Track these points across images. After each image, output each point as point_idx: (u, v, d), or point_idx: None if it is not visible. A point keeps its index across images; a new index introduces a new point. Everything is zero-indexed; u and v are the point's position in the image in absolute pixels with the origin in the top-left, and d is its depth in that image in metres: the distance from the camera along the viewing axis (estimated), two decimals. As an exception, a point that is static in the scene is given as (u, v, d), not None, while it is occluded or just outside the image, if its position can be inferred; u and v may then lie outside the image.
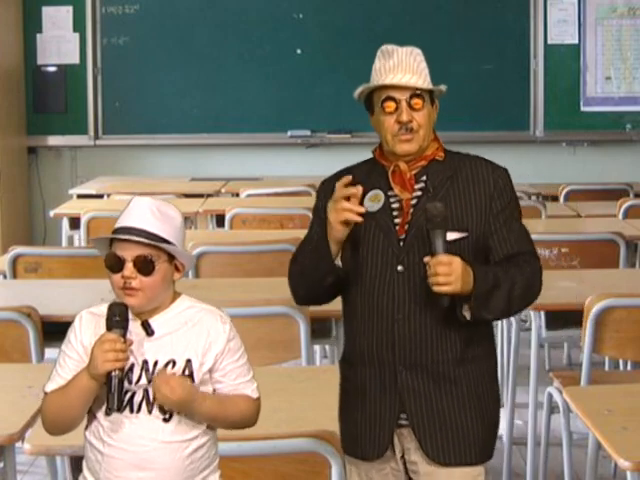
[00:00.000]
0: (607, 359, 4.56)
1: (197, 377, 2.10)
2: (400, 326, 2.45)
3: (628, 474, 2.46)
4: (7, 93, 7.91)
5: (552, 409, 3.66)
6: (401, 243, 2.46)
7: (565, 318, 3.95)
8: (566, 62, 8.32)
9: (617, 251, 4.87)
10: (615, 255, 4.87)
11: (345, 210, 2.40)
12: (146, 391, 2.08)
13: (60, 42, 8.32)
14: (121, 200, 6.74)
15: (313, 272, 2.53)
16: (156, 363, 2.08)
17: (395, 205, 2.50)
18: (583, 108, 8.33)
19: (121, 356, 2.02)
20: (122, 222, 2.10)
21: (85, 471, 2.15)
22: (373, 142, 2.64)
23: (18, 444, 2.60)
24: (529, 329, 4.03)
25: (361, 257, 2.50)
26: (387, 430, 2.49)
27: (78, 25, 8.29)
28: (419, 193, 2.49)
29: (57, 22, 8.30)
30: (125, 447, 2.07)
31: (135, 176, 8.14)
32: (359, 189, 2.40)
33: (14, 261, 4.60)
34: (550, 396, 3.63)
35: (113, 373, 2.02)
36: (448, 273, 2.32)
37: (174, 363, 2.09)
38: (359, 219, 2.41)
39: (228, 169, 8.35)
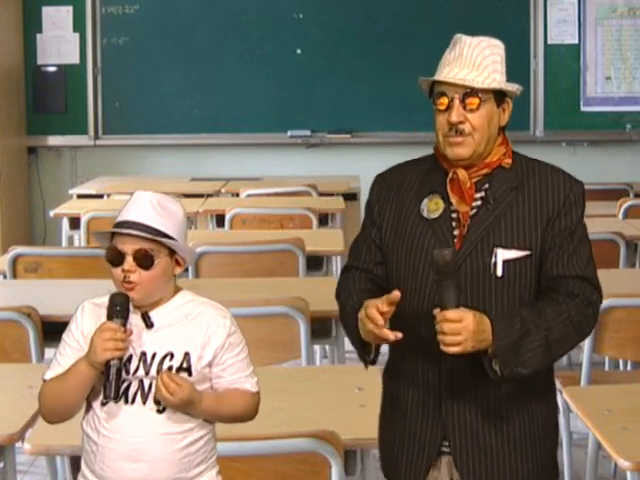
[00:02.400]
0: (607, 359, 4.56)
1: (195, 370, 2.11)
2: None
3: (628, 474, 2.46)
4: (7, 93, 7.91)
5: (552, 409, 3.66)
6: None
7: (565, 318, 3.94)
8: (566, 62, 8.32)
9: (617, 251, 4.87)
10: (615, 255, 4.87)
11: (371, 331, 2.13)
12: (141, 382, 2.09)
13: (60, 42, 8.31)
14: (121, 200, 6.73)
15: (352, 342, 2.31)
16: (154, 355, 2.09)
17: (454, 215, 2.23)
18: (583, 108, 8.32)
19: (120, 345, 2.03)
20: (123, 216, 2.12)
21: (82, 464, 2.16)
22: (373, 142, 2.63)
23: (18, 444, 2.61)
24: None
25: (413, 268, 2.23)
26: (426, 458, 2.25)
27: (78, 25, 8.29)
28: (479, 203, 2.21)
29: (57, 22, 8.29)
30: (119, 438, 2.08)
31: (135, 176, 8.13)
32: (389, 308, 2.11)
33: (14, 261, 4.61)
34: (550, 396, 3.63)
35: (112, 362, 2.04)
36: (457, 332, 2.05)
37: (172, 355, 2.10)
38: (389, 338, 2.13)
39: (228, 169, 8.35)
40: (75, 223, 6.24)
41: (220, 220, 6.15)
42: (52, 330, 3.62)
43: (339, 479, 2.36)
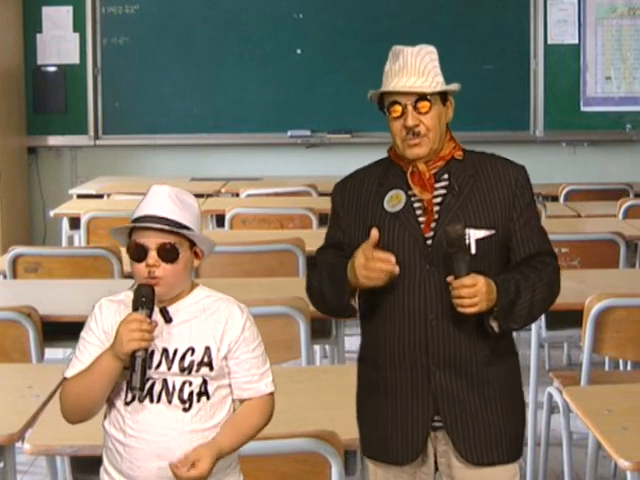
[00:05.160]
0: (607, 359, 4.56)
1: (216, 364, 2.11)
2: (433, 326, 2.40)
3: (628, 474, 2.46)
4: (7, 93, 7.91)
5: (552, 409, 3.66)
6: (428, 242, 2.41)
7: (565, 318, 3.94)
8: (566, 62, 8.32)
9: (617, 251, 4.87)
10: (615, 255, 4.87)
11: (380, 270, 2.33)
12: (165, 381, 2.09)
13: (60, 42, 8.31)
14: (121, 200, 6.74)
15: (334, 302, 2.50)
16: (176, 351, 2.10)
17: (417, 205, 2.45)
18: (583, 108, 8.32)
19: (147, 336, 2.03)
20: (142, 210, 2.11)
21: (106, 463, 2.15)
22: (373, 142, 2.65)
23: (18, 444, 2.61)
24: (529, 329, 4.03)
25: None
26: (421, 432, 2.43)
27: (78, 25, 8.29)
28: (443, 192, 2.44)
29: (57, 22, 8.30)
30: (146, 437, 2.08)
31: (135, 176, 8.13)
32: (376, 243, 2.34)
33: (14, 261, 4.60)
34: (550, 396, 3.64)
35: (137, 353, 2.03)
36: (473, 295, 2.31)
37: (193, 351, 2.10)
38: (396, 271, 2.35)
39: (228, 169, 8.35)
40: (75, 223, 6.24)
41: (220, 220, 6.15)
42: (52, 330, 3.63)
43: (339, 479, 2.36)
